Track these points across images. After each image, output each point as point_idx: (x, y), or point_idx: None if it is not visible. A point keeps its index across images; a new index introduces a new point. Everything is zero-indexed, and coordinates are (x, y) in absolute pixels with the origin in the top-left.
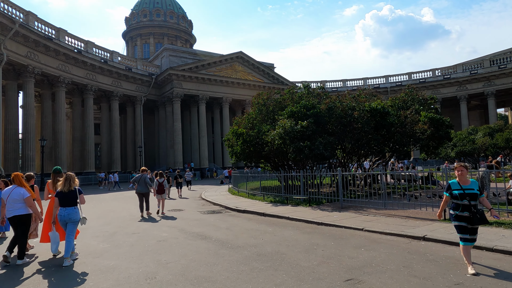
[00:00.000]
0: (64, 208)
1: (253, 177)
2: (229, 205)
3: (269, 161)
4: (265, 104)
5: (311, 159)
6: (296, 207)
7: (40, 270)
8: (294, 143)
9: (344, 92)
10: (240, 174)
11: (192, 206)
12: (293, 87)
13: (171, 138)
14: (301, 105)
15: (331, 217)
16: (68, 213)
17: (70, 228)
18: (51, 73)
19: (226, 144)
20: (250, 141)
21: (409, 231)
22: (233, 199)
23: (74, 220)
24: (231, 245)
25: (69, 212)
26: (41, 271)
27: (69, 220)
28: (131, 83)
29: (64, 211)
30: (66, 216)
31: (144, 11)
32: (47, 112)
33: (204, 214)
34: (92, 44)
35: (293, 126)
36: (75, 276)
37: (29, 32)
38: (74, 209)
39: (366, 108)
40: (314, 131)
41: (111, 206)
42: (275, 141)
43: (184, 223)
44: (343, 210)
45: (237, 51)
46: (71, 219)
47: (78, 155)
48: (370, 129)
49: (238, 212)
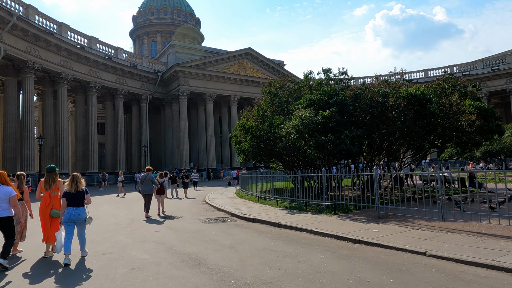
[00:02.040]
0: (73, 208)
1: (264, 178)
2: (235, 212)
3: (281, 159)
4: (277, 94)
5: (335, 156)
6: (318, 215)
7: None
8: (314, 137)
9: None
10: (249, 174)
11: (193, 211)
12: (310, 73)
13: (177, 137)
14: (322, 92)
15: (369, 231)
16: (78, 213)
17: (80, 228)
18: (52, 69)
19: (233, 140)
20: (261, 136)
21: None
22: (240, 203)
23: (83, 219)
24: (234, 282)
25: (79, 212)
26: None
27: (78, 220)
28: (136, 81)
29: (74, 211)
30: (76, 215)
31: (151, 9)
32: (48, 110)
33: (204, 223)
34: (95, 40)
35: (313, 117)
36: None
37: (28, 25)
38: (83, 209)
39: (402, 94)
40: (338, 122)
41: (100, 212)
42: (291, 135)
43: (177, 237)
44: (381, 221)
45: (246, 47)
46: (80, 219)
47: (81, 155)
48: (408, 119)
49: (247, 221)
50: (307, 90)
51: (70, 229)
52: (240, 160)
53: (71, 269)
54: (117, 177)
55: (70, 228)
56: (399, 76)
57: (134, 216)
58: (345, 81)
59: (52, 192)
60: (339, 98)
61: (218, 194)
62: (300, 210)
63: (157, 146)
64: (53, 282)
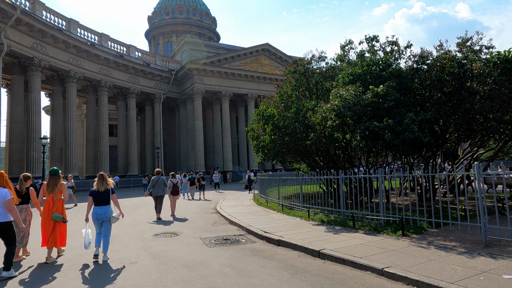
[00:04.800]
0: (99, 207)
1: (288, 181)
2: (253, 227)
3: (309, 158)
4: (305, 74)
5: (395, 148)
6: (375, 236)
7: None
8: (362, 123)
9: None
10: (269, 176)
11: (198, 224)
12: (350, 42)
13: (192, 138)
14: (370, 62)
15: (490, 276)
16: (105, 212)
17: (106, 226)
18: (61, 67)
19: (250, 135)
20: (285, 127)
21: None
22: (259, 213)
23: (109, 218)
24: None
25: (105, 210)
26: None
27: (105, 219)
28: (149, 80)
29: (100, 210)
30: (103, 214)
31: (166, 8)
32: (57, 110)
33: (209, 245)
34: (106, 37)
35: (360, 95)
36: None
37: (33, 20)
38: (109, 208)
39: (493, 60)
40: (397, 101)
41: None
42: (328, 121)
43: (158, 278)
44: (496, 252)
45: (263, 43)
46: (107, 217)
47: (92, 157)
48: (505, 94)
49: (269, 244)
50: (346, 66)
51: (99, 226)
52: (258, 160)
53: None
54: (130, 180)
55: (98, 226)
56: (478, 38)
57: (119, 234)
58: (397, 54)
59: (55, 196)
60: (396, 69)
61: (232, 200)
62: (344, 226)
63: (171, 148)
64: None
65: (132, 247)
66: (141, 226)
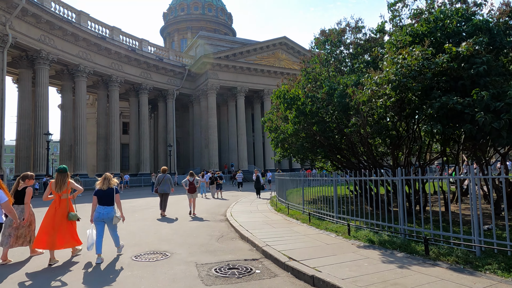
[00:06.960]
0: (103, 206)
1: (318, 182)
2: (272, 249)
3: (341, 153)
4: (339, 44)
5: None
6: (473, 276)
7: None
8: (432, 98)
9: None
10: (290, 176)
11: (200, 239)
12: (399, 0)
13: (206, 136)
14: (440, 15)
15: None
16: (108, 212)
17: (111, 227)
18: (70, 60)
19: (267, 127)
20: (313, 112)
21: None
22: (279, 224)
23: (111, 218)
24: None
25: (109, 211)
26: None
27: (108, 219)
28: (162, 75)
29: (104, 210)
30: (105, 214)
31: (181, 4)
32: (67, 107)
33: (206, 283)
34: (118, 30)
35: (429, 58)
36: None
37: (40, 10)
38: (112, 208)
39: None
40: (490, 66)
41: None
42: (379, 98)
43: None
44: None
45: (281, 36)
46: (110, 218)
47: (102, 154)
48: None
49: (298, 280)
50: (395, 32)
51: (100, 228)
52: (277, 158)
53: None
54: (141, 179)
55: (100, 227)
56: None
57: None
58: (467, 13)
59: (62, 195)
60: (483, 20)
61: (246, 204)
62: (410, 252)
63: (185, 146)
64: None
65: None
66: (125, 239)
